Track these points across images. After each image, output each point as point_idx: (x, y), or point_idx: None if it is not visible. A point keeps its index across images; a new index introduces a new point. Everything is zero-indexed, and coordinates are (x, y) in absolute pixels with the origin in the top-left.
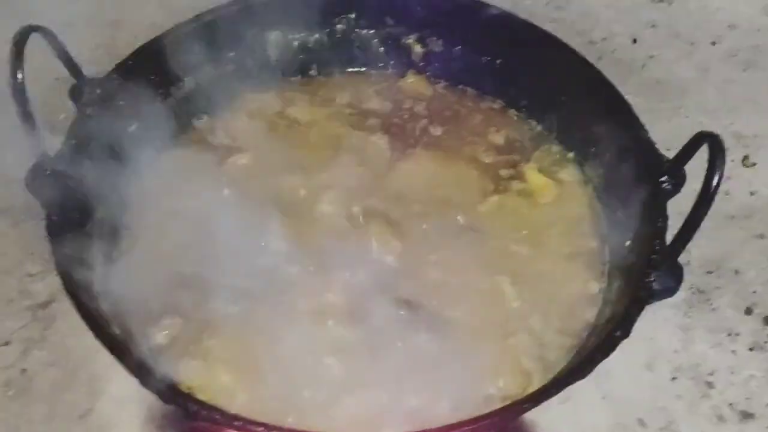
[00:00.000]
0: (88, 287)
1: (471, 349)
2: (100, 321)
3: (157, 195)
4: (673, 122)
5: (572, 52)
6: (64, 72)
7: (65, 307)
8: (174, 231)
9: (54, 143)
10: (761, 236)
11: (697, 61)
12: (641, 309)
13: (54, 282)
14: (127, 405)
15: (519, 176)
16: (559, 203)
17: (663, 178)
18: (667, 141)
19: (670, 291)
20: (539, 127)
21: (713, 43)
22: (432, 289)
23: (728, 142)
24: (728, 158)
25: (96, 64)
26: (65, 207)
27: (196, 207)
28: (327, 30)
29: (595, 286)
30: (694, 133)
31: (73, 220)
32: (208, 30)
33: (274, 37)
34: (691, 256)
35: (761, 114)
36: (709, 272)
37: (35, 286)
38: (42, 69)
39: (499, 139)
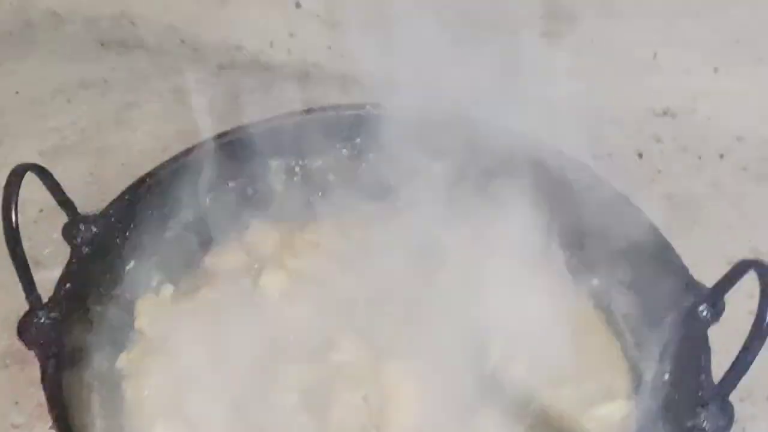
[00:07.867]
0: None
1: None
2: None
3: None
4: (691, 239)
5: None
6: (48, 202)
7: None
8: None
9: (39, 279)
10: None
11: (708, 176)
12: None
13: None
14: None
15: None
16: None
17: (701, 308)
18: (686, 259)
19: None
20: None
21: (721, 156)
22: None
23: None
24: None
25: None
26: (60, 356)
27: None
28: None
29: None
30: (714, 249)
31: (68, 369)
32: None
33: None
34: None
35: None
36: (741, 400)
37: None
38: (25, 200)
39: None
